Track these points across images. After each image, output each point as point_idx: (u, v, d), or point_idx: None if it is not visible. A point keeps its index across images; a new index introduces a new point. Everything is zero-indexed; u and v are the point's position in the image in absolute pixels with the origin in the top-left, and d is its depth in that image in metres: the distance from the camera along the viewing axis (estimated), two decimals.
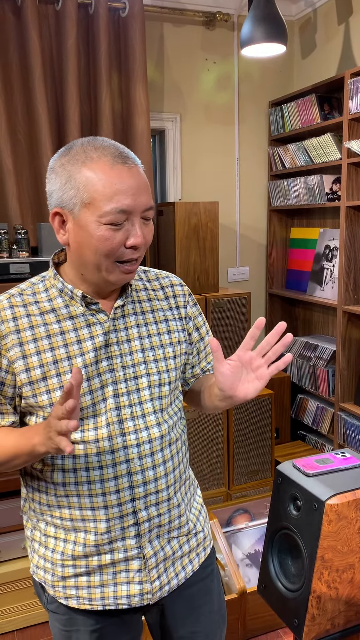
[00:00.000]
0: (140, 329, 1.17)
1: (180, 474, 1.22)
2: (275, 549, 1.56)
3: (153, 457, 1.14)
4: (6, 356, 1.09)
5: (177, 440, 1.21)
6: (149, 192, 1.07)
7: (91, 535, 1.13)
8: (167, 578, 1.20)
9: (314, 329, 3.32)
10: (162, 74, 3.05)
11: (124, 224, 1.04)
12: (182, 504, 1.22)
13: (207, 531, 1.31)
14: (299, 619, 1.42)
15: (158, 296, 1.23)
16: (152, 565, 1.16)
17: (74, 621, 1.18)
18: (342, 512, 1.37)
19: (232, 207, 3.32)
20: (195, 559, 1.26)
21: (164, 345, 1.19)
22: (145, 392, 1.15)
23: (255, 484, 2.72)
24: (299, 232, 3.35)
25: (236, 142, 3.27)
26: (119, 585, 1.15)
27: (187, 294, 1.29)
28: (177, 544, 1.22)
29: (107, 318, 1.13)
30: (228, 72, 3.20)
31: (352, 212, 2.66)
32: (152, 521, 1.16)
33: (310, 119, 2.91)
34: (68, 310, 1.12)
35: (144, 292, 1.22)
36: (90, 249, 1.04)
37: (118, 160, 1.03)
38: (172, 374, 1.19)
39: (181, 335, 1.24)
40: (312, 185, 2.94)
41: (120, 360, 1.13)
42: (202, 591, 1.29)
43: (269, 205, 3.40)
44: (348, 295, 2.72)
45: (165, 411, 1.18)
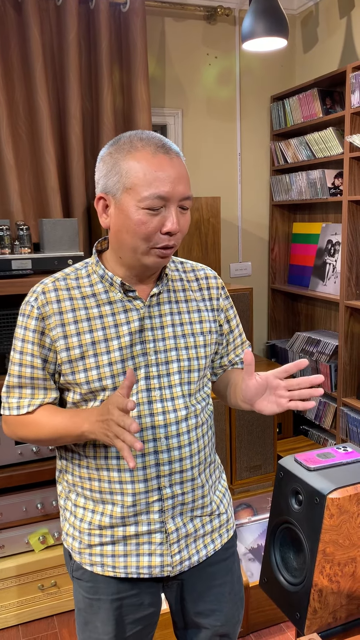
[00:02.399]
0: (174, 316, 1.23)
1: (206, 456, 1.28)
2: (277, 543, 1.57)
3: (179, 438, 1.20)
4: (49, 335, 1.17)
5: (204, 424, 1.27)
6: (187, 183, 1.12)
7: (118, 507, 1.20)
8: (188, 554, 1.25)
9: (317, 324, 3.32)
10: (163, 69, 3.04)
11: (160, 210, 1.10)
12: (206, 485, 1.27)
13: (230, 514, 1.36)
14: (300, 613, 1.43)
15: (192, 287, 1.29)
16: (173, 540, 1.22)
17: (96, 589, 1.25)
18: (343, 506, 1.37)
19: (234, 203, 3.32)
20: (217, 539, 1.31)
21: (195, 334, 1.25)
22: (175, 377, 1.20)
23: (257, 479, 2.73)
24: (301, 227, 3.35)
25: (238, 137, 3.27)
26: (141, 556, 1.22)
27: (221, 287, 1.34)
28: (199, 523, 1.27)
29: (143, 305, 1.19)
30: (229, 66, 3.19)
31: (354, 206, 2.65)
32: (176, 499, 1.22)
33: (312, 113, 2.90)
34: (107, 295, 1.19)
35: (179, 282, 1.27)
36: (129, 232, 1.11)
37: (160, 150, 1.10)
38: (202, 362, 1.25)
39: (212, 326, 1.29)
40: (314, 180, 2.93)
41: (153, 345, 1.19)
42: (223, 571, 1.34)
43: (271, 200, 3.39)
44: (350, 290, 2.72)
45: (194, 396, 1.24)
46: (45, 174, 2.61)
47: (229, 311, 1.36)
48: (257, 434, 2.70)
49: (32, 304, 1.18)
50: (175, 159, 1.11)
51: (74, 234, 2.32)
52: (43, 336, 1.17)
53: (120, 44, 2.76)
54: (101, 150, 1.17)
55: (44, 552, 2.29)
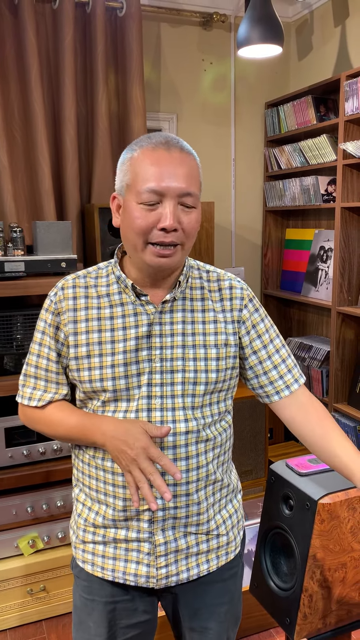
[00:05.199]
0: (186, 325, 1.19)
1: (209, 473, 1.22)
2: (268, 548, 1.57)
3: (175, 451, 1.17)
4: (63, 330, 1.19)
5: (210, 440, 1.21)
6: (190, 179, 1.09)
7: (110, 509, 1.20)
8: (177, 570, 1.22)
9: (309, 329, 3.33)
10: (158, 74, 3.05)
11: (157, 206, 1.08)
12: (204, 502, 1.21)
13: (232, 537, 1.29)
14: (290, 618, 1.43)
15: (213, 297, 1.23)
16: (160, 552, 1.19)
17: (91, 589, 1.26)
18: (334, 512, 1.38)
19: (227, 208, 3.33)
20: (214, 560, 1.26)
21: (208, 346, 1.19)
22: (178, 387, 1.17)
23: (248, 484, 2.73)
24: (294, 233, 3.36)
25: (232, 143, 3.28)
26: (129, 562, 1.21)
27: (247, 298, 1.25)
28: (194, 540, 1.22)
29: (154, 310, 1.17)
30: (224, 72, 3.20)
31: (347, 213, 2.67)
32: (167, 512, 1.18)
33: (306, 120, 2.92)
34: (120, 297, 1.19)
35: (199, 290, 1.23)
36: (129, 228, 1.11)
37: (161, 146, 1.09)
38: (212, 375, 1.18)
39: (230, 339, 1.21)
40: (307, 186, 2.94)
41: (160, 352, 1.17)
42: (221, 592, 1.29)
43: (264, 205, 3.41)
44: (342, 296, 2.73)
45: (199, 410, 1.19)
46: (39, 176, 2.60)
47: (258, 325, 1.25)
48: (249, 439, 2.70)
49: (51, 298, 1.21)
50: (176, 155, 1.09)
51: (68, 237, 2.32)
52: (58, 330, 1.19)
53: (116, 48, 2.77)
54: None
55: (33, 556, 2.28)
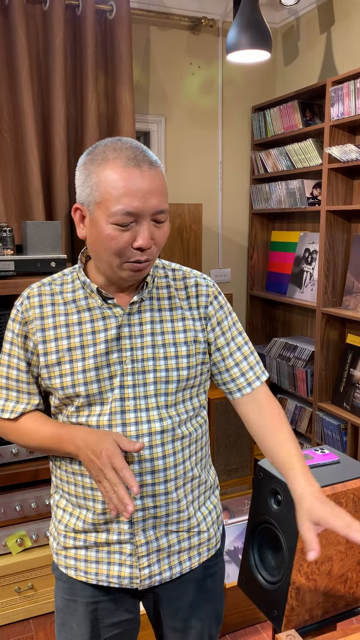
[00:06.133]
0: (155, 325, 1.19)
1: (186, 471, 1.22)
2: (256, 543, 1.60)
3: (152, 450, 1.17)
4: (31, 339, 1.19)
5: (185, 438, 1.22)
6: (161, 195, 1.08)
7: (90, 513, 1.20)
8: (159, 569, 1.22)
9: (294, 330, 3.38)
10: (147, 77, 3.08)
11: (131, 226, 1.07)
12: (183, 500, 1.22)
13: (213, 533, 1.30)
14: (278, 610, 1.46)
15: (180, 295, 1.24)
16: (142, 553, 1.20)
17: (73, 591, 1.26)
18: None
19: (214, 210, 3.37)
20: (196, 557, 1.27)
21: (178, 344, 1.20)
22: (151, 387, 1.17)
23: (234, 482, 2.76)
24: (280, 236, 3.41)
25: (219, 146, 3.32)
26: (112, 565, 1.21)
27: (213, 295, 1.26)
28: (175, 539, 1.23)
29: (122, 312, 1.17)
30: (212, 76, 3.24)
31: (332, 216, 2.72)
32: (147, 511, 1.19)
33: (292, 124, 2.97)
34: (87, 302, 1.19)
35: (165, 289, 1.23)
36: (101, 246, 1.09)
37: (131, 163, 1.05)
38: (183, 373, 1.19)
39: (199, 335, 1.22)
40: (293, 189, 3.00)
41: (130, 353, 1.17)
42: (202, 590, 1.30)
43: (250, 208, 3.45)
44: (327, 298, 2.78)
45: (173, 407, 1.20)
46: (28, 176, 2.61)
47: (223, 322, 1.26)
48: (235, 438, 2.74)
49: (18, 307, 1.21)
50: (147, 172, 1.06)
51: (57, 237, 2.34)
52: (26, 340, 1.19)
53: (105, 50, 2.79)
54: (80, 157, 1.14)
55: (21, 554, 2.29)
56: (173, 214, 2.73)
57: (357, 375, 2.65)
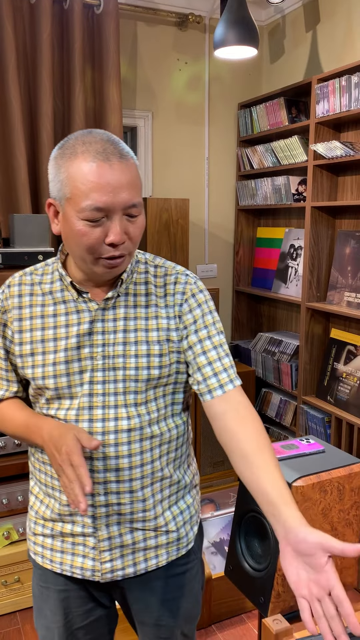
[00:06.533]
0: (128, 322, 1.17)
1: (154, 470, 1.20)
2: (243, 532, 1.63)
3: (117, 448, 1.16)
4: (10, 327, 1.19)
5: (156, 437, 1.20)
6: (133, 189, 1.06)
7: (57, 503, 1.22)
8: (122, 564, 1.22)
9: (279, 325, 3.42)
10: (134, 72, 3.09)
11: (102, 221, 1.05)
12: (150, 499, 1.21)
13: (184, 533, 1.28)
14: (264, 597, 1.49)
15: (158, 292, 1.20)
16: (104, 547, 1.20)
17: (46, 578, 1.28)
18: (307, 494, 1.45)
19: (201, 205, 3.39)
20: (163, 555, 1.26)
21: (150, 342, 1.17)
22: (120, 385, 1.16)
23: (220, 474, 2.79)
24: (265, 232, 3.45)
25: (206, 142, 3.34)
26: (76, 556, 1.22)
27: (190, 293, 1.21)
28: (141, 536, 1.22)
29: (97, 307, 1.16)
30: (199, 73, 3.26)
31: (317, 212, 2.76)
32: (111, 508, 1.18)
33: (278, 121, 3.00)
34: (63, 294, 1.18)
35: (143, 285, 1.20)
36: (74, 242, 1.07)
37: (99, 157, 1.02)
38: (154, 372, 1.17)
39: (172, 334, 1.19)
40: (278, 185, 3.03)
41: (102, 349, 1.15)
42: (172, 587, 1.29)
43: (236, 204, 3.48)
44: (312, 293, 2.82)
45: (143, 406, 1.17)
46: (15, 169, 2.61)
47: (198, 321, 1.20)
48: None
49: None
50: (116, 165, 1.03)
51: (45, 230, 2.34)
52: (5, 328, 1.20)
53: (93, 44, 2.79)
54: (52, 151, 1.11)
55: (7, 547, 2.29)
56: (160, 208, 2.75)
57: (341, 369, 2.70)
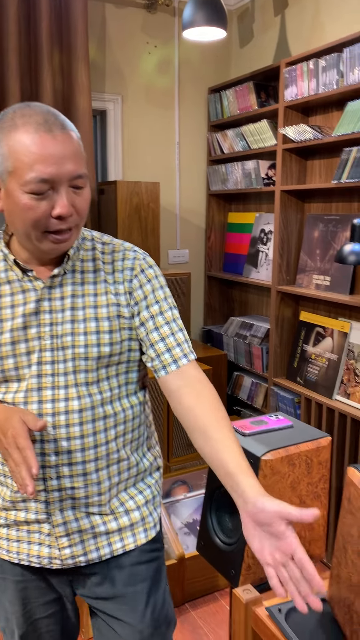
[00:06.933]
0: (76, 299, 1.14)
1: (110, 452, 1.18)
2: (214, 507, 1.65)
3: (68, 429, 1.13)
4: None
5: (110, 417, 1.17)
6: (77, 160, 1.03)
7: (8, 491, 1.19)
8: (84, 550, 1.19)
9: (250, 309, 3.45)
10: (103, 55, 3.06)
11: (48, 193, 1.02)
12: (105, 482, 1.18)
13: (147, 512, 1.26)
14: (235, 569, 1.52)
15: (106, 269, 1.18)
16: (60, 533, 1.17)
17: (3, 569, 1.25)
18: (275, 467, 1.47)
19: (172, 190, 3.39)
20: (129, 537, 1.23)
21: (99, 319, 1.14)
22: (69, 364, 1.13)
23: (193, 456, 2.82)
24: (236, 217, 3.47)
25: (176, 126, 3.33)
26: (32, 544, 1.19)
27: (140, 268, 1.19)
28: (99, 520, 1.19)
29: (43, 285, 1.12)
30: (168, 56, 3.25)
31: (286, 196, 2.78)
32: (64, 492, 1.15)
33: (247, 105, 3.01)
34: (7, 275, 1.14)
35: (91, 262, 1.18)
36: (18, 218, 1.04)
37: (41, 128, 1.00)
38: (105, 349, 1.14)
39: (123, 311, 1.17)
40: (248, 170, 3.04)
41: (50, 329, 1.12)
42: (139, 577, 1.25)
43: (207, 189, 3.49)
44: (281, 276, 2.85)
45: (95, 385, 1.15)
46: None
47: (149, 297, 1.18)
48: None
49: None
50: (59, 136, 1.01)
51: None
52: None
53: (60, 25, 2.76)
54: None
55: None
56: (131, 192, 2.74)
57: (310, 351, 2.74)
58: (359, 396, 2.41)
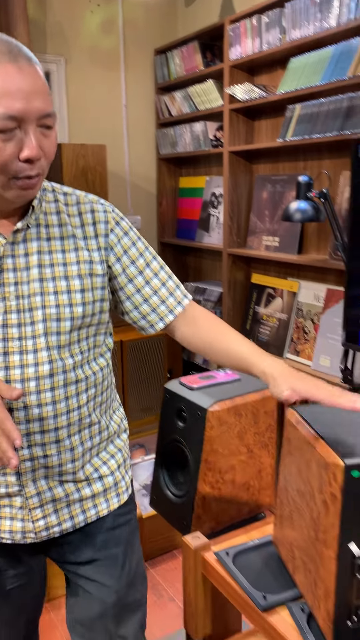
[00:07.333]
0: (43, 256, 1.06)
1: (82, 417, 1.14)
2: (165, 462, 1.67)
3: (39, 396, 1.07)
4: None
5: (81, 381, 1.13)
6: (46, 97, 0.95)
7: None
8: (58, 520, 1.15)
9: (204, 275, 3.46)
10: (44, 14, 2.95)
11: (15, 133, 0.93)
12: (78, 448, 1.14)
13: (120, 477, 1.25)
14: (186, 520, 1.54)
15: (73, 222, 1.10)
16: (34, 504, 1.12)
17: None
18: (222, 418, 1.49)
19: (121, 155, 3.33)
20: (103, 503, 1.21)
21: (70, 277, 1.08)
22: (40, 326, 1.05)
23: (149, 420, 2.84)
24: (187, 182, 3.44)
25: (123, 89, 3.26)
26: (3, 520, 1.13)
27: (114, 221, 1.14)
28: (73, 487, 1.16)
29: (5, 242, 1.04)
30: (112, 16, 3.16)
31: (234, 158, 2.77)
32: (37, 461, 1.11)
33: (193, 66, 2.97)
34: None
35: (55, 215, 1.09)
36: None
37: (5, 57, 0.90)
38: (78, 310, 1.08)
39: (96, 268, 1.10)
40: (197, 132, 3.01)
41: (15, 289, 1.04)
42: (113, 542, 1.23)
43: (157, 154, 3.44)
44: (232, 239, 2.86)
45: (67, 348, 1.09)
46: None
47: (130, 250, 1.15)
48: (148, 378, 2.80)
49: None
50: (26, 69, 0.92)
51: None
52: None
53: None
54: None
55: None
56: (77, 154, 2.68)
57: (261, 312, 2.77)
58: (307, 353, 2.46)
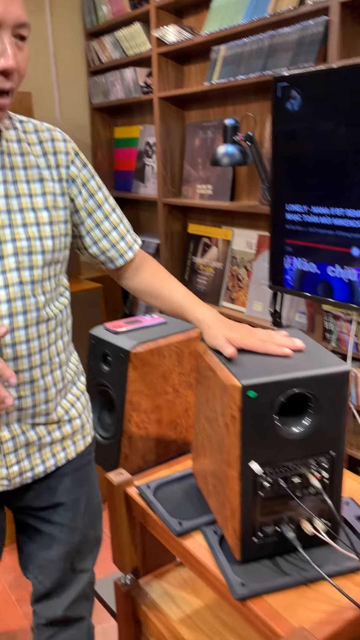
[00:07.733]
0: (8, 186, 1.00)
1: (52, 356, 1.11)
2: (94, 405, 1.69)
3: (13, 334, 1.02)
4: None
5: (52, 319, 1.09)
6: (22, 5, 0.90)
7: None
8: (31, 464, 1.12)
9: (142, 227, 3.43)
10: None
11: None
12: (52, 388, 1.12)
13: (86, 419, 1.25)
14: (113, 460, 1.58)
15: (34, 151, 1.05)
16: (9, 449, 1.08)
17: None
18: (145, 359, 1.51)
19: (51, 104, 3.22)
20: (71, 446, 1.20)
21: (37, 209, 1.03)
22: (11, 260, 1.00)
23: None
24: (122, 132, 3.37)
25: (49, 34, 3.13)
26: None
27: (73, 152, 1.11)
28: (44, 431, 1.13)
29: None
30: None
31: (165, 104, 2.72)
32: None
33: (120, 8, 2.87)
34: None
35: (16, 144, 1.03)
36: None
37: None
38: (48, 243, 1.04)
39: (60, 200, 1.07)
40: (127, 80, 2.94)
41: None
42: (78, 482, 1.24)
43: (90, 103, 3.35)
44: (167, 189, 2.83)
45: (39, 284, 1.04)
46: None
47: (89, 183, 1.12)
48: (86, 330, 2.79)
49: None
50: None
51: None
52: None
53: None
54: None
55: None
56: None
57: (198, 262, 2.79)
58: (242, 299, 2.49)
